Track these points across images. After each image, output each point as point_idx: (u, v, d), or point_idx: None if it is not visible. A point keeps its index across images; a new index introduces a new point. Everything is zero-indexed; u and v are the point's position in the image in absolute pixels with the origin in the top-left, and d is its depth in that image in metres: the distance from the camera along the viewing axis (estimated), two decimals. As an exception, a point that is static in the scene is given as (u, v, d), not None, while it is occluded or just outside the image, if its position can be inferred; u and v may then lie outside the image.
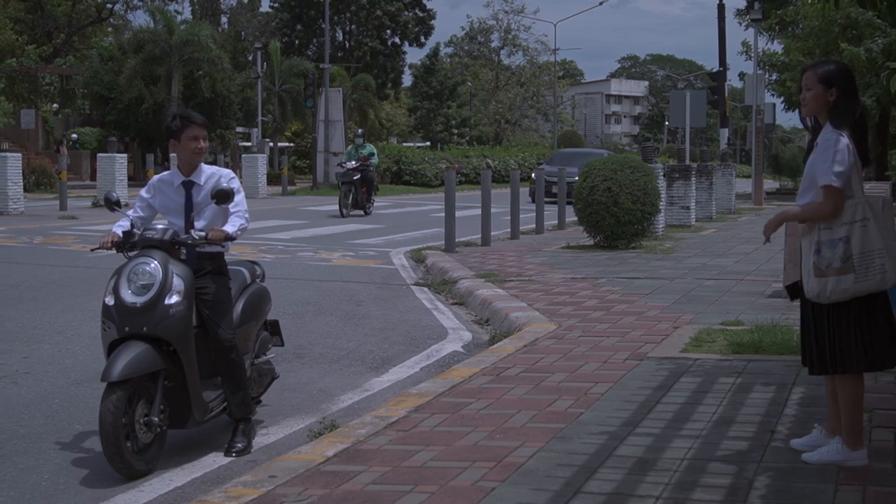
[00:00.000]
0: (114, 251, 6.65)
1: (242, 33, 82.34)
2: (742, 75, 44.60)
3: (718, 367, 8.26)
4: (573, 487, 5.36)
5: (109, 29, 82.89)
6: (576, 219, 19.63)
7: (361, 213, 29.01)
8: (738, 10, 46.97)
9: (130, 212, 6.85)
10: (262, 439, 6.91)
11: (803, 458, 5.82)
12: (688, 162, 29.44)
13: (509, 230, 21.60)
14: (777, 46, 42.73)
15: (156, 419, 6.18)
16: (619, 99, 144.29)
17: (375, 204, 31.11)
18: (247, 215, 6.74)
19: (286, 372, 8.28)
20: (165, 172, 6.94)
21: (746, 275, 14.51)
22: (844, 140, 5.57)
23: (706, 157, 30.27)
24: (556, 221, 24.50)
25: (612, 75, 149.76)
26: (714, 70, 43.99)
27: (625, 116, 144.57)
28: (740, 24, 46.03)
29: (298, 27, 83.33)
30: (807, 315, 5.78)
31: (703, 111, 33.56)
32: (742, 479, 5.50)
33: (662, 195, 20.34)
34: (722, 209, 29.81)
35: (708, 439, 6.23)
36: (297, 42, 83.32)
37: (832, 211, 5.52)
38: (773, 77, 42.78)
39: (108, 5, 78.85)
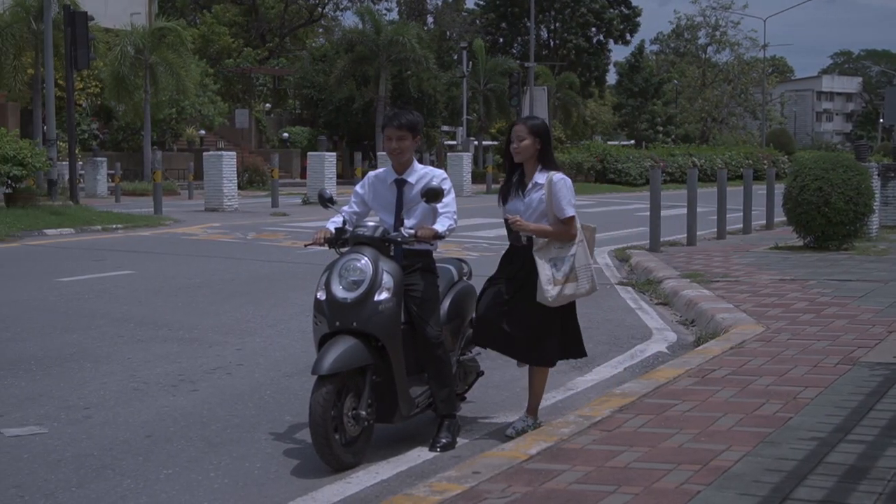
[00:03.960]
0: (326, 247, 6.81)
1: (448, 32, 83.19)
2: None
3: (936, 374, 7.95)
4: (781, 493, 5.23)
5: (320, 30, 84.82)
6: (785, 219, 19.18)
7: None
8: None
9: (345, 207, 7.00)
10: (466, 435, 6.98)
11: (506, 433, 6.92)
12: (904, 161, 28.35)
13: (715, 230, 21.26)
14: None
15: (363, 413, 6.30)
16: (830, 96, 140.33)
17: (579, 202, 30.89)
18: (455, 216, 6.81)
19: (490, 369, 8.33)
20: (381, 169, 7.07)
21: (966, 278, 13.93)
22: (569, 180, 7.12)
23: (924, 156, 29.17)
24: (765, 221, 24.00)
25: (824, 71, 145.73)
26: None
27: (836, 114, 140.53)
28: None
29: (503, 26, 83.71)
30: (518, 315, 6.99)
31: (922, 108, 32.30)
32: (961, 490, 5.29)
33: (877, 195, 19.69)
34: (940, 210, 28.63)
35: (924, 448, 6.01)
36: (501, 41, 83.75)
37: (575, 234, 7.00)
38: None
39: (319, 7, 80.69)
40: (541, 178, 7.01)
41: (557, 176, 7.00)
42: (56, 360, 9.25)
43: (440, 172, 6.91)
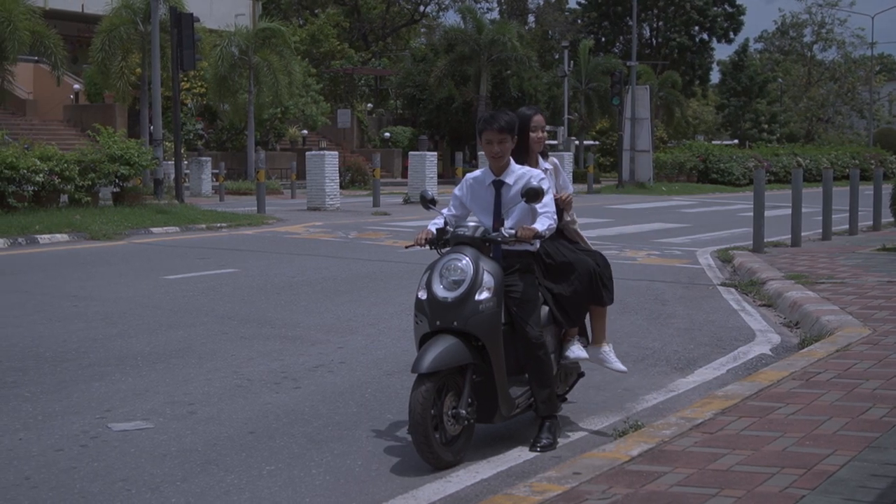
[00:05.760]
0: (427, 247, 6.84)
1: (549, 32, 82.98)
2: None
3: None
4: (888, 499, 5.14)
5: (422, 30, 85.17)
6: (892, 220, 18.82)
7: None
8: None
9: (445, 210, 7.02)
10: (566, 436, 6.96)
11: (618, 368, 7.53)
12: None
13: (820, 231, 20.94)
14: None
15: (463, 412, 6.31)
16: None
17: (681, 202, 30.68)
18: (555, 216, 6.79)
19: (591, 370, 8.28)
20: (477, 171, 7.08)
21: None
22: None
23: None
24: (871, 222, 23.57)
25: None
26: None
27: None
28: None
29: (605, 24, 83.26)
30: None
31: None
32: None
33: None
34: None
35: None
36: (603, 39, 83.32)
37: None
38: None
39: (421, 7, 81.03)
40: (546, 164, 7.46)
41: (555, 159, 7.62)
42: (162, 356, 9.41)
43: (538, 172, 6.90)
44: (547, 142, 7.80)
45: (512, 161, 6.92)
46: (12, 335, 10.31)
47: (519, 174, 6.86)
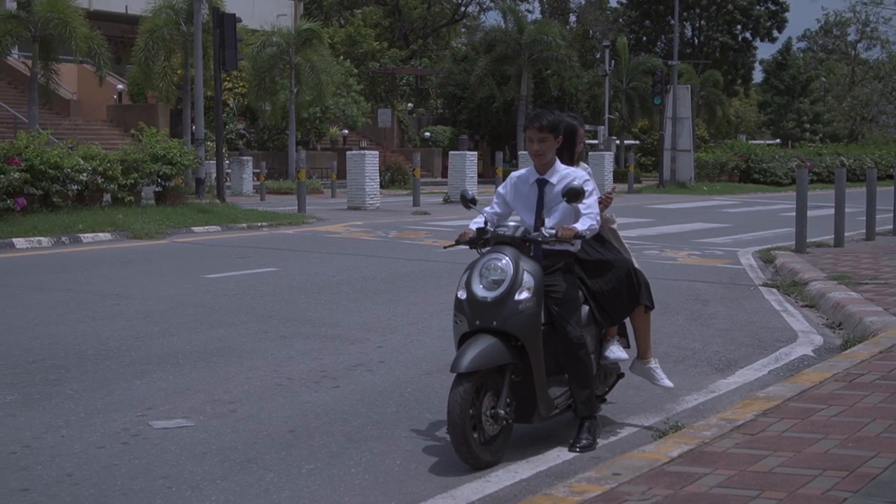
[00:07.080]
0: (467, 247, 6.82)
1: (591, 31, 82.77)
2: None
3: None
4: (932, 503, 5.09)
5: (462, 30, 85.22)
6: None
7: None
8: None
9: (487, 208, 7.03)
10: (605, 437, 6.93)
11: (665, 384, 7.59)
12: None
13: (863, 231, 20.76)
14: None
15: (502, 412, 6.30)
16: None
17: (723, 202, 30.51)
18: (598, 216, 6.75)
19: (631, 371, 8.27)
20: (523, 170, 7.07)
21: None
22: None
23: None
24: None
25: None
26: None
27: None
28: None
29: (647, 23, 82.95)
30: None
31: None
32: None
33: None
34: None
35: None
36: (644, 39, 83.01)
37: None
38: None
39: (462, 7, 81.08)
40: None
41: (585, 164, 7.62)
42: (202, 354, 9.45)
43: (582, 174, 6.87)
44: (588, 141, 7.80)
45: (557, 161, 6.90)
46: (55, 333, 10.39)
47: (563, 174, 6.84)
